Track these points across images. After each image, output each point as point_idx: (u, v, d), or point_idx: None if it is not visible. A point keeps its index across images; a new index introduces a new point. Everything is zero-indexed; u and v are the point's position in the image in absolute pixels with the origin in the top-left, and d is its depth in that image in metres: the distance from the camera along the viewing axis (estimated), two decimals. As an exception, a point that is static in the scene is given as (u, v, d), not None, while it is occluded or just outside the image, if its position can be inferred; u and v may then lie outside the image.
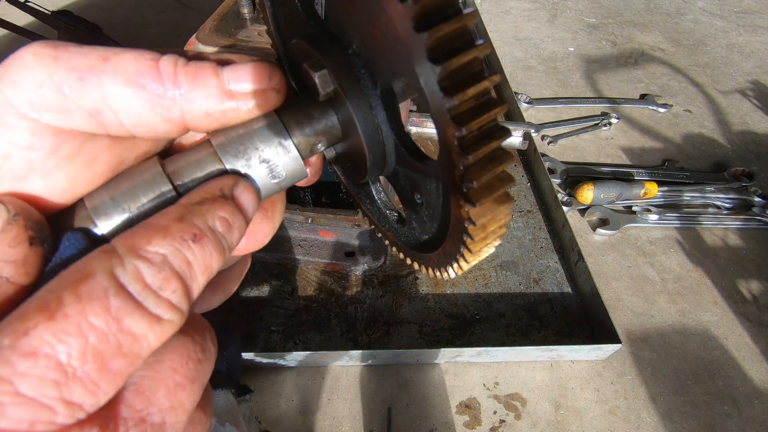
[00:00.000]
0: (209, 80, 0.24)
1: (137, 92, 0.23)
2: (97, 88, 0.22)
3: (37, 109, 0.21)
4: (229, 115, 0.25)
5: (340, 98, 0.28)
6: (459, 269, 0.30)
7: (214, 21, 0.83)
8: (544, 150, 1.59)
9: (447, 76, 0.21)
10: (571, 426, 0.94)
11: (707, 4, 2.53)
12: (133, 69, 0.23)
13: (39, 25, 1.63)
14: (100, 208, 0.23)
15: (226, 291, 0.31)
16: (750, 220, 1.36)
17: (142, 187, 0.24)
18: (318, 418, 0.93)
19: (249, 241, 0.27)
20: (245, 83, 0.25)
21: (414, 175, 0.30)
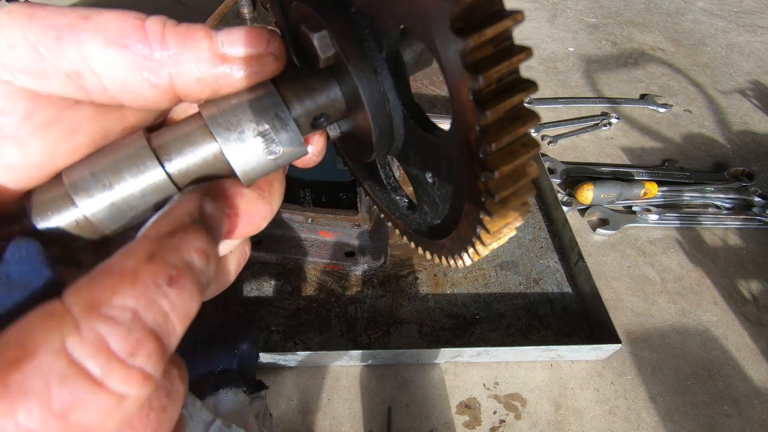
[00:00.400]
0: (201, 42, 0.22)
1: (121, 53, 0.20)
2: (77, 47, 0.19)
3: (9, 70, 0.19)
4: (222, 81, 0.23)
5: (342, 64, 0.24)
6: (476, 254, 0.27)
7: (214, 21, 0.83)
8: (544, 150, 1.59)
9: (460, 14, 0.17)
10: (571, 426, 0.94)
11: (707, 4, 2.53)
12: (116, 28, 0.20)
13: (39, 25, 1.63)
14: (79, 184, 0.21)
15: (221, 282, 0.27)
16: (750, 220, 1.36)
17: (125, 161, 0.22)
18: (318, 418, 0.93)
19: (244, 224, 0.23)
20: (240, 47, 0.22)
21: (425, 149, 0.27)
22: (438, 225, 0.31)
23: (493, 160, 0.20)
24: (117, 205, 0.22)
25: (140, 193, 0.22)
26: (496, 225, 0.23)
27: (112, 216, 0.22)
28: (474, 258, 0.27)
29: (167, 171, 0.22)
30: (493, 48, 0.18)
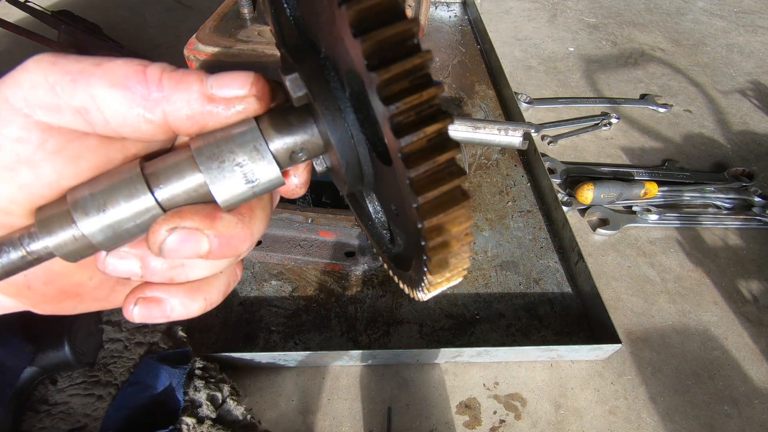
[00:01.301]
0: (192, 84, 0.25)
1: (122, 93, 0.24)
2: (86, 88, 0.24)
3: (29, 106, 0.23)
4: (209, 118, 0.26)
5: (312, 104, 0.27)
6: (427, 289, 0.28)
7: (214, 21, 0.83)
8: (544, 150, 1.59)
9: (371, 50, 0.19)
10: (571, 426, 0.94)
11: (707, 4, 2.53)
12: (121, 72, 0.24)
13: (39, 25, 1.63)
14: (79, 203, 0.24)
15: (208, 300, 0.30)
16: (750, 220, 1.36)
17: (119, 186, 0.25)
18: (318, 418, 0.93)
19: (222, 245, 0.26)
20: (226, 89, 0.26)
21: (387, 182, 0.28)
22: (406, 256, 0.32)
23: (417, 185, 0.21)
24: (110, 224, 0.25)
25: (131, 215, 0.25)
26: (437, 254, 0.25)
27: (105, 233, 0.25)
28: (426, 292, 0.29)
29: (155, 197, 0.25)
30: (408, 82, 0.20)
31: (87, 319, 0.86)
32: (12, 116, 0.23)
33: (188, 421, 0.80)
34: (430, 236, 0.23)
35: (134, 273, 0.28)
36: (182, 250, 0.25)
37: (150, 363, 0.85)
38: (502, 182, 1.44)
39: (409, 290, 0.33)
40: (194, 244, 0.26)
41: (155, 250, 0.25)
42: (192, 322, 1.06)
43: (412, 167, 0.21)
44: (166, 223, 0.25)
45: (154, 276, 0.28)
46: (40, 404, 0.80)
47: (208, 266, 0.29)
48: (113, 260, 0.27)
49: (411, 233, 0.27)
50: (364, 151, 0.28)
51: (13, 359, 0.77)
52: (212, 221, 0.26)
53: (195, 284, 0.30)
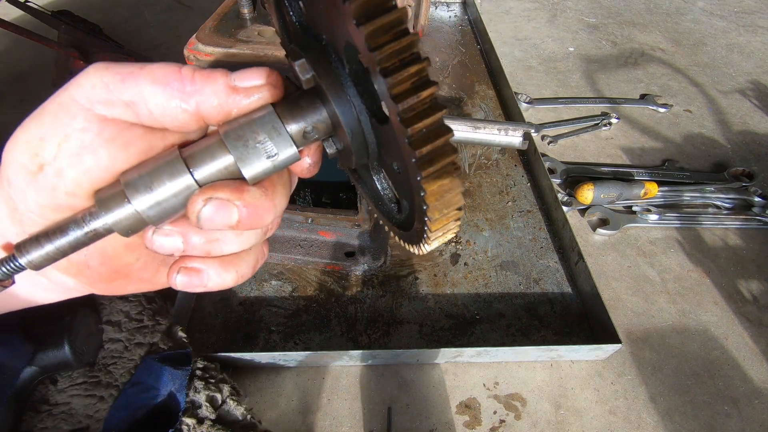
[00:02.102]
0: (219, 78, 0.31)
1: (162, 88, 0.29)
2: (134, 86, 0.29)
3: (90, 102, 0.29)
4: (233, 106, 0.31)
5: (319, 85, 0.32)
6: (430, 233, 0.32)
7: (214, 21, 0.83)
8: (544, 150, 1.59)
9: (369, 34, 0.23)
10: (571, 426, 0.94)
11: (707, 4, 2.53)
12: (161, 71, 0.30)
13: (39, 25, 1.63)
14: (131, 184, 0.29)
15: (240, 272, 0.35)
16: (750, 220, 1.36)
17: (163, 168, 0.29)
18: (318, 418, 0.93)
19: (250, 215, 0.31)
20: (246, 80, 0.31)
21: (387, 142, 0.32)
22: (410, 215, 0.36)
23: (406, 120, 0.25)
24: (157, 201, 0.29)
25: (173, 192, 0.29)
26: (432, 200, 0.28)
27: (153, 209, 0.29)
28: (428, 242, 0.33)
29: (193, 175, 0.30)
30: (399, 61, 0.24)
31: (87, 319, 0.86)
32: (77, 111, 0.29)
33: (188, 422, 0.80)
34: (424, 168, 0.27)
35: (177, 248, 0.33)
36: (216, 218, 0.30)
37: (152, 364, 0.85)
38: (502, 182, 1.44)
39: (415, 248, 0.36)
40: (226, 214, 0.30)
41: (193, 218, 0.30)
42: (192, 322, 1.06)
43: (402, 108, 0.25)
44: (202, 195, 0.30)
45: (194, 250, 0.33)
46: (41, 404, 0.80)
47: (239, 242, 0.34)
48: (159, 238, 0.32)
49: (412, 182, 0.30)
50: (365, 119, 0.32)
51: (13, 359, 0.77)
52: (240, 193, 0.30)
53: (228, 258, 0.34)
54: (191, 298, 1.10)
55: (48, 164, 0.28)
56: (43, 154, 0.28)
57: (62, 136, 0.28)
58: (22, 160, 0.29)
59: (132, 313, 0.91)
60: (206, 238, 0.33)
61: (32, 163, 0.28)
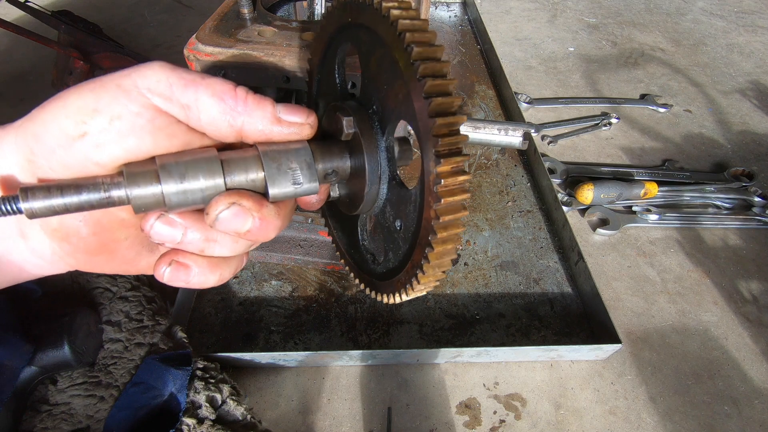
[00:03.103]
0: (267, 107, 0.35)
1: (218, 102, 0.33)
2: (194, 93, 0.33)
3: (150, 92, 0.32)
4: (273, 134, 0.36)
5: (358, 141, 0.39)
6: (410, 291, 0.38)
7: (214, 21, 0.82)
8: (544, 150, 1.59)
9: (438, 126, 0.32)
10: (571, 426, 0.94)
11: (707, 4, 2.53)
12: (219, 87, 0.34)
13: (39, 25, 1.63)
14: (167, 167, 0.31)
15: (222, 276, 0.37)
16: (750, 220, 1.36)
17: (201, 163, 0.32)
18: (318, 418, 0.93)
19: (261, 227, 0.34)
20: (291, 116, 0.36)
21: (398, 202, 0.39)
22: (394, 267, 0.41)
23: (440, 193, 0.32)
24: (184, 190, 0.32)
25: (202, 187, 0.32)
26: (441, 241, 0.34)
27: (177, 197, 0.32)
28: (424, 280, 0.38)
29: (225, 178, 0.33)
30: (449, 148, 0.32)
31: (87, 319, 0.86)
32: (137, 97, 0.31)
33: (189, 422, 0.80)
34: (439, 232, 0.33)
35: (173, 239, 0.34)
36: (232, 223, 0.33)
37: (153, 364, 0.85)
38: (502, 182, 1.44)
39: (387, 296, 0.42)
40: (242, 221, 0.33)
41: (212, 216, 0.32)
42: (192, 322, 1.06)
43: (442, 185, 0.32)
44: (228, 198, 0.32)
45: (187, 246, 0.35)
46: (41, 404, 0.80)
47: (232, 248, 0.36)
48: (160, 226, 0.33)
49: (419, 242, 0.36)
50: (384, 182, 0.40)
51: (13, 359, 0.76)
52: (260, 207, 0.34)
53: (216, 260, 0.36)
54: (191, 299, 1.10)
55: (91, 135, 0.30)
56: (91, 123, 0.30)
57: (116, 115, 0.31)
58: (65, 124, 0.30)
59: (132, 313, 0.91)
60: (205, 236, 0.35)
61: (76, 129, 0.30)
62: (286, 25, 0.82)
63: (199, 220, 0.34)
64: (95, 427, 0.79)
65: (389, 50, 0.35)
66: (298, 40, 0.79)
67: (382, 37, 0.36)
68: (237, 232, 0.33)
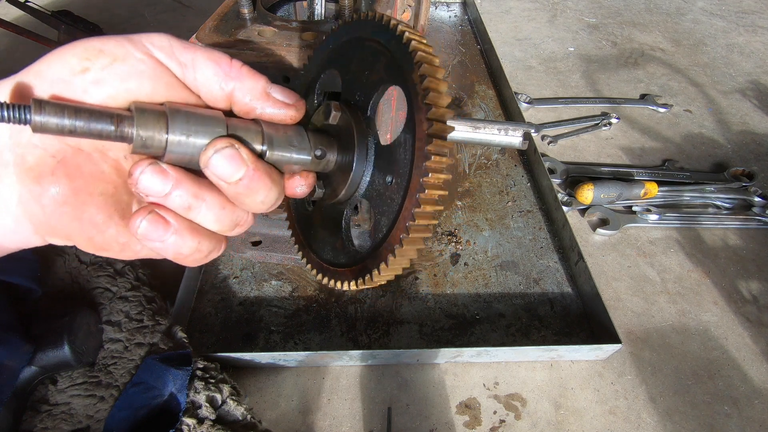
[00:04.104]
0: (260, 80, 0.37)
1: (213, 64, 0.36)
2: (192, 54, 0.36)
3: (153, 46, 0.35)
4: (258, 108, 0.37)
5: (345, 120, 0.43)
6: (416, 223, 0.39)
7: (214, 21, 0.83)
8: (544, 150, 1.59)
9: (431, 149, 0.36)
10: (571, 426, 0.94)
11: (707, 4, 2.53)
12: (217, 54, 0.37)
13: (39, 25, 1.63)
14: (175, 113, 0.33)
15: (198, 248, 0.37)
16: (750, 220, 1.36)
17: (208, 119, 0.34)
18: (318, 418, 0.93)
19: (249, 182, 0.35)
20: (281, 95, 0.38)
21: (389, 162, 0.42)
22: (386, 232, 0.43)
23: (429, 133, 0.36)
24: (187, 143, 0.33)
25: (205, 143, 0.33)
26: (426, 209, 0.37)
27: (180, 147, 0.33)
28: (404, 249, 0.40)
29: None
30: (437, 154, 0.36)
31: (87, 319, 0.86)
32: (141, 46, 0.34)
33: (189, 422, 0.80)
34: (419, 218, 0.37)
35: (161, 191, 0.33)
36: (226, 167, 0.33)
37: (153, 364, 0.85)
38: (502, 182, 1.44)
39: (354, 282, 0.44)
40: (236, 167, 0.34)
41: (209, 154, 0.33)
42: (192, 322, 1.06)
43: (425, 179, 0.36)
44: (229, 141, 0.34)
45: (174, 201, 0.34)
46: (41, 404, 0.80)
47: (215, 217, 0.36)
48: (152, 173, 0.33)
49: (396, 230, 0.39)
50: (368, 172, 0.43)
51: (13, 359, 0.77)
52: (256, 160, 0.35)
53: (197, 227, 0.36)
54: (191, 299, 1.10)
55: (92, 71, 0.32)
56: (94, 60, 0.32)
57: (120, 56, 0.33)
58: (70, 61, 0.32)
59: (132, 313, 0.91)
60: (193, 192, 0.34)
61: (79, 64, 0.32)
62: (286, 25, 0.82)
63: (190, 177, 0.34)
64: (95, 427, 0.79)
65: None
66: (298, 40, 0.79)
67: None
68: (227, 180, 0.34)
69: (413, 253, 0.39)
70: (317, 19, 0.92)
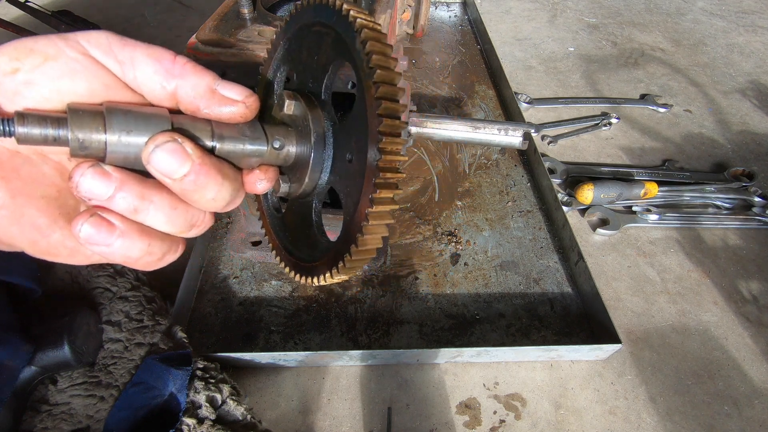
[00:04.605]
0: (205, 77, 0.34)
1: (153, 62, 0.33)
2: (131, 51, 0.33)
3: (90, 45, 0.32)
4: (204, 106, 0.35)
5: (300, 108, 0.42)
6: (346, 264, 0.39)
7: (214, 21, 0.83)
8: (544, 150, 1.59)
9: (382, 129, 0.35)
10: (571, 426, 0.94)
11: (707, 4, 2.53)
12: (158, 50, 0.34)
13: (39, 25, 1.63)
14: (113, 113, 0.31)
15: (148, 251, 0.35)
16: (750, 220, 1.36)
17: (150, 117, 0.32)
18: (318, 418, 0.93)
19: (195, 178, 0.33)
20: (228, 91, 0.35)
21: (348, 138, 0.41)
22: (352, 212, 0.41)
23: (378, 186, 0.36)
24: (128, 143, 0.31)
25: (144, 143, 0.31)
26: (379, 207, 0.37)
27: (120, 148, 0.31)
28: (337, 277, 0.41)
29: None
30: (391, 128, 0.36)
31: (87, 319, 0.86)
32: (75, 45, 0.32)
33: (189, 422, 0.80)
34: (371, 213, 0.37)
35: (103, 195, 0.31)
36: (169, 160, 0.31)
37: (153, 364, 0.85)
38: (502, 182, 1.44)
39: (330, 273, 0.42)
40: (180, 162, 0.31)
41: (149, 149, 0.31)
42: (192, 322, 1.06)
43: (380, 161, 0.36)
44: (171, 135, 0.31)
45: (119, 203, 0.31)
46: (41, 404, 0.80)
47: (166, 218, 0.34)
48: (93, 175, 0.30)
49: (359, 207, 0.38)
50: (329, 153, 0.43)
51: (13, 359, 0.76)
52: (202, 154, 0.33)
53: (147, 229, 0.33)
54: (191, 299, 1.10)
55: (23, 72, 0.30)
56: (24, 61, 0.30)
57: (52, 54, 0.31)
58: (1, 62, 0.30)
59: (132, 313, 0.91)
60: (139, 193, 0.32)
61: (9, 65, 0.30)
62: (286, 25, 0.82)
63: (135, 178, 0.32)
64: (95, 427, 0.79)
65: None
66: (298, 40, 0.78)
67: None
68: (172, 176, 0.31)
69: (382, 229, 0.38)
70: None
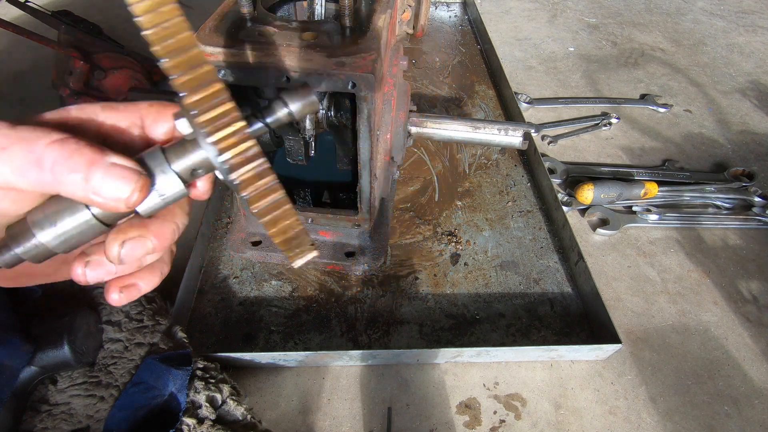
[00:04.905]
0: (79, 168, 0.30)
1: (23, 178, 0.30)
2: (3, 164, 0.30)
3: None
4: (92, 203, 0.33)
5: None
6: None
7: (214, 21, 0.83)
8: (544, 150, 1.59)
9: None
10: (571, 426, 0.94)
11: (707, 4, 2.53)
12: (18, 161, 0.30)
13: (39, 25, 1.63)
14: (36, 222, 0.33)
15: (163, 272, 0.40)
16: (750, 220, 1.36)
17: (66, 207, 0.33)
18: (318, 418, 0.93)
19: (161, 240, 0.35)
20: (108, 189, 0.31)
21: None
22: None
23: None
24: (60, 234, 0.33)
25: (75, 226, 0.33)
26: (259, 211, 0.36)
27: (58, 240, 0.33)
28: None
29: (91, 211, 0.33)
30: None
31: (87, 319, 0.86)
32: None
33: (189, 422, 0.80)
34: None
35: (110, 273, 0.36)
36: (134, 253, 0.34)
37: (153, 364, 0.85)
38: (502, 182, 1.44)
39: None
40: (141, 247, 0.34)
41: (116, 260, 0.33)
42: (192, 322, 1.06)
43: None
44: (116, 240, 0.33)
45: (126, 270, 0.36)
46: (41, 404, 0.80)
47: (157, 252, 0.36)
48: (92, 273, 0.35)
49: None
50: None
51: (13, 359, 0.76)
52: (146, 227, 0.34)
53: (152, 265, 0.38)
54: (191, 299, 1.10)
55: None
56: None
57: None
58: None
59: (132, 313, 0.91)
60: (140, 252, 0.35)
61: None
62: (286, 25, 0.82)
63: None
64: (95, 427, 0.79)
65: None
66: (298, 40, 0.79)
67: None
68: (146, 254, 0.35)
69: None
70: (317, 19, 0.92)
